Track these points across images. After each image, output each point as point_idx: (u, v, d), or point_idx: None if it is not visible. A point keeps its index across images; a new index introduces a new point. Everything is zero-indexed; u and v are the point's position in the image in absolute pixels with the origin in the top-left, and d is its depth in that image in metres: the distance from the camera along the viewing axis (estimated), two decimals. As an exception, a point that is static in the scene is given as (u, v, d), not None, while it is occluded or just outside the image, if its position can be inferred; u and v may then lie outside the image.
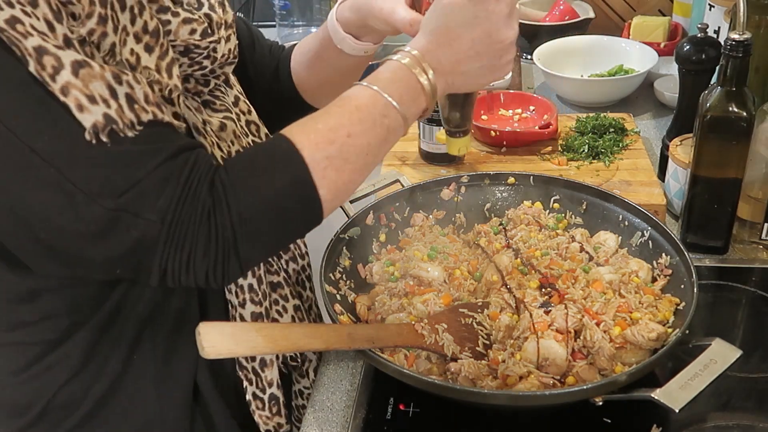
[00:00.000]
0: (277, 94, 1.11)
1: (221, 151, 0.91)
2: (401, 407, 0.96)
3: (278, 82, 1.11)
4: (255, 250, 0.78)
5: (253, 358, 0.99)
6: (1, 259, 0.85)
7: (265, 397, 1.00)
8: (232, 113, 0.95)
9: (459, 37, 0.83)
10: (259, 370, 1.00)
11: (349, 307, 1.04)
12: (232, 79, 1.00)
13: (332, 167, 0.77)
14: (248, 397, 1.00)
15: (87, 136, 0.69)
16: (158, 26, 0.79)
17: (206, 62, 0.88)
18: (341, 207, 1.16)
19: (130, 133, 0.71)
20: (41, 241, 0.74)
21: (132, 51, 0.76)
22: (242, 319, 0.97)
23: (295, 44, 1.14)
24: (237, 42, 0.95)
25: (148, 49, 0.77)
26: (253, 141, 0.99)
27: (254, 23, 2.36)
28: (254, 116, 1.01)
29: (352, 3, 0.99)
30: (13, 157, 0.69)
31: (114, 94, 0.70)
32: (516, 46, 0.87)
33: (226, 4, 0.94)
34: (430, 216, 1.18)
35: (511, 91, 1.67)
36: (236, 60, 0.96)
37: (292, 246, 1.06)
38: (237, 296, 0.96)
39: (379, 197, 1.18)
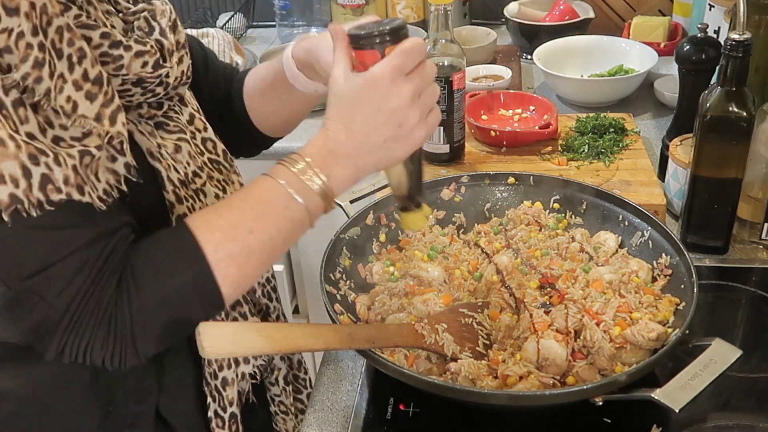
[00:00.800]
0: (229, 116, 1.11)
1: (178, 173, 0.91)
2: (401, 407, 0.96)
3: (230, 105, 1.11)
4: (152, 344, 0.80)
5: (216, 376, 0.99)
6: None
7: (226, 416, 1.00)
8: (186, 133, 0.95)
9: (352, 117, 0.80)
10: (221, 389, 0.99)
11: (349, 307, 1.04)
12: (188, 95, 1.00)
13: (234, 265, 0.78)
14: (210, 414, 0.99)
15: None
16: (100, 74, 0.78)
17: (159, 89, 0.87)
18: (341, 207, 1.16)
19: (35, 213, 0.71)
20: None
21: (69, 98, 0.74)
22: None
23: (249, 69, 1.14)
24: (190, 61, 0.94)
25: (90, 97, 0.76)
26: (209, 159, 0.98)
27: (254, 23, 2.37)
28: (210, 133, 1.00)
29: (306, 43, 0.98)
30: None
31: (27, 174, 0.70)
32: (422, 102, 0.81)
33: (178, 23, 0.93)
34: (430, 216, 1.18)
35: (511, 91, 1.67)
36: (189, 80, 0.95)
37: None
38: None
39: (379, 197, 1.18)
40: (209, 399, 0.99)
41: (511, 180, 1.21)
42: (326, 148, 0.80)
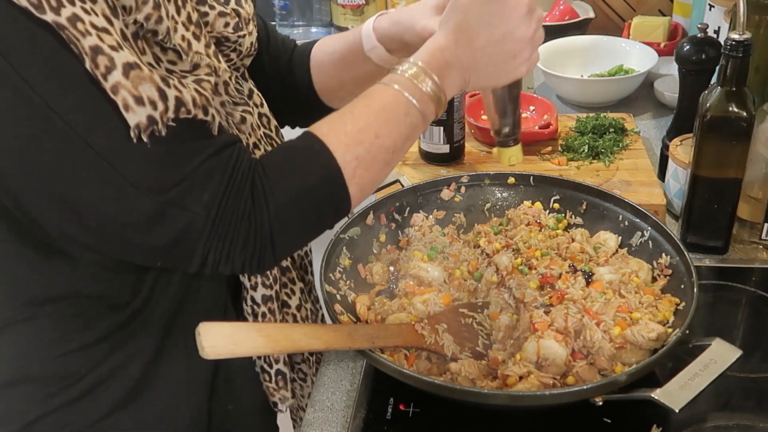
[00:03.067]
0: (291, 87, 1.14)
1: (241, 143, 0.93)
2: (401, 407, 0.96)
3: (292, 76, 1.13)
4: (289, 243, 0.84)
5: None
6: (41, 249, 0.87)
7: (272, 372, 1.05)
8: (249, 106, 0.98)
9: (476, 35, 0.85)
10: None
11: (349, 307, 1.04)
12: (246, 73, 1.02)
13: (361, 167, 0.82)
14: (257, 369, 1.05)
15: (131, 135, 0.72)
16: (199, 19, 0.83)
17: (233, 55, 0.92)
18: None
19: (166, 131, 0.74)
20: (90, 230, 0.77)
21: (183, 37, 0.79)
22: (254, 301, 1.00)
23: (313, 41, 1.16)
24: (257, 35, 0.98)
25: (196, 38, 0.81)
26: (264, 133, 1.01)
27: (254, 23, 2.37)
28: (266, 109, 1.04)
29: (393, 16, 1.03)
30: (70, 150, 0.72)
31: (163, 96, 0.73)
32: (534, 41, 0.88)
33: None
34: (430, 216, 1.18)
35: (511, 91, 1.67)
36: (255, 52, 0.98)
37: None
38: (249, 279, 0.99)
39: (379, 197, 1.18)
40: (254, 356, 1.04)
41: (511, 180, 1.21)
42: (443, 57, 0.85)
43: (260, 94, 1.03)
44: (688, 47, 1.32)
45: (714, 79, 1.20)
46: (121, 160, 0.73)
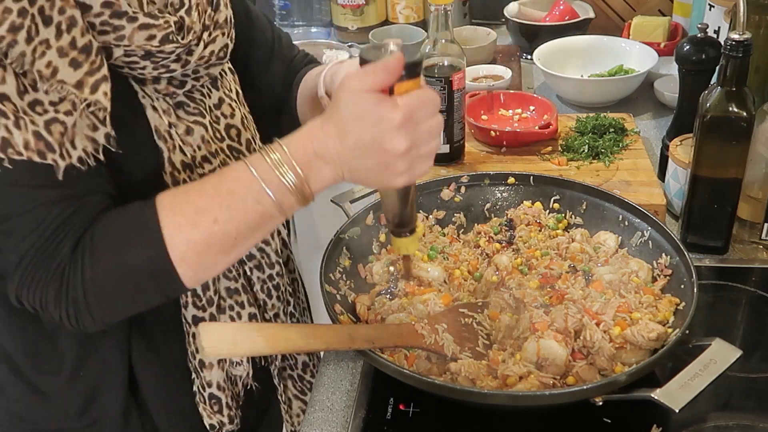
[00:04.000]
0: (286, 111, 1.12)
1: (184, 155, 0.91)
2: (401, 407, 0.95)
3: (288, 101, 1.12)
4: (107, 312, 0.82)
5: (194, 357, 1.01)
6: None
7: (206, 395, 1.03)
8: (206, 117, 0.94)
9: (347, 131, 0.77)
10: (199, 369, 1.01)
11: (349, 307, 1.04)
12: (229, 78, 1.00)
13: (192, 250, 0.79)
14: (194, 388, 1.03)
15: None
16: (90, 43, 0.78)
17: (174, 65, 0.87)
18: (341, 207, 1.16)
19: (2, 170, 0.74)
20: None
21: (49, 63, 0.75)
22: (186, 321, 0.98)
23: (314, 66, 1.14)
24: (227, 43, 0.94)
25: (74, 64, 0.77)
26: (229, 146, 0.98)
27: (254, 23, 2.37)
28: (236, 120, 0.99)
29: (335, 68, 0.99)
30: None
31: None
32: (412, 156, 0.77)
33: (221, 3, 0.93)
34: (430, 216, 1.18)
35: (511, 91, 1.67)
36: (223, 61, 0.94)
37: (257, 253, 1.04)
38: (181, 297, 0.97)
39: (379, 197, 1.17)
40: (193, 374, 1.02)
41: (511, 180, 1.21)
42: (311, 147, 0.78)
43: (233, 105, 0.99)
44: (688, 47, 1.32)
45: (714, 79, 1.20)
46: None
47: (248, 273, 1.04)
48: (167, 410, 1.02)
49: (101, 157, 0.81)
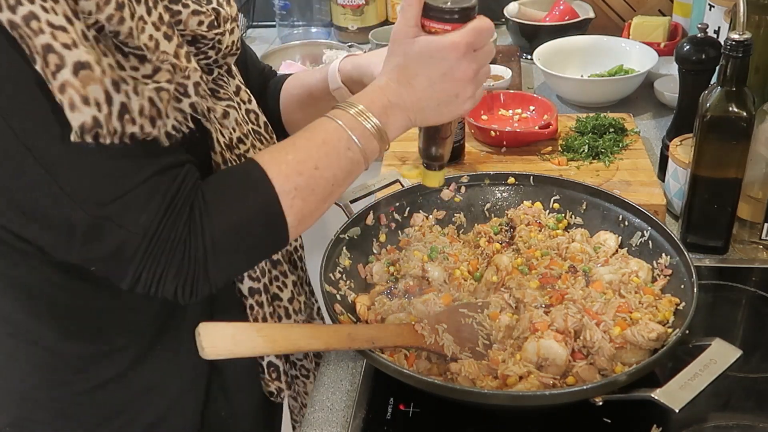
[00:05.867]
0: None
1: (224, 137, 0.94)
2: (401, 407, 0.96)
3: (264, 104, 1.15)
4: (223, 272, 0.83)
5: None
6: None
7: (264, 363, 1.06)
8: (234, 102, 0.99)
9: (416, 75, 0.86)
10: None
11: (349, 307, 1.04)
12: (234, 69, 1.03)
13: (299, 197, 0.83)
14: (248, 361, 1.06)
15: (73, 137, 0.71)
16: (171, 19, 0.83)
17: (211, 53, 0.92)
18: (341, 207, 1.16)
19: (113, 141, 0.73)
20: (38, 234, 0.78)
21: (151, 37, 0.78)
22: (241, 293, 1.00)
23: (287, 74, 1.19)
24: (240, 34, 1.00)
25: (167, 38, 0.81)
26: (252, 129, 1.02)
27: (254, 23, 2.37)
28: (254, 105, 1.05)
29: (355, 59, 1.07)
30: (10, 154, 0.72)
31: (109, 99, 0.73)
32: (477, 80, 0.88)
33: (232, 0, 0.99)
34: (430, 216, 1.18)
35: (511, 91, 1.67)
36: (239, 51, 0.99)
37: None
38: None
39: (379, 197, 1.18)
40: None
41: (511, 180, 1.21)
42: (386, 98, 0.86)
43: (248, 91, 1.04)
44: (688, 47, 1.32)
45: (714, 79, 1.20)
46: (60, 169, 0.73)
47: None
48: (236, 374, 1.05)
49: (191, 124, 0.83)
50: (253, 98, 1.05)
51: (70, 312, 0.92)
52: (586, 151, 1.43)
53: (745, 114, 1.09)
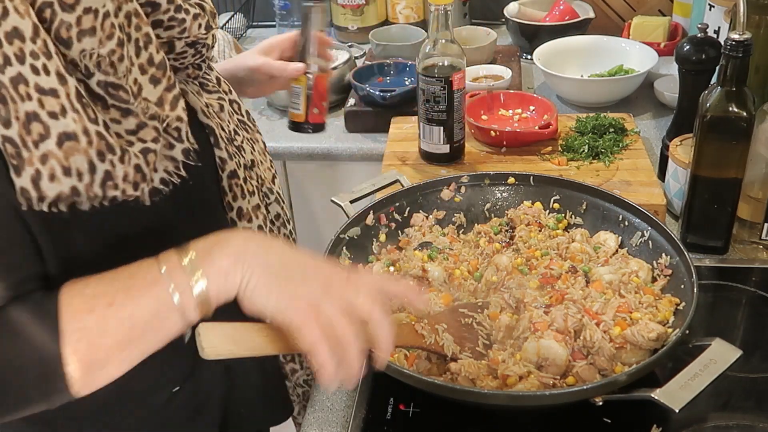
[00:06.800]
0: None
1: (224, 131, 0.94)
2: (401, 407, 0.96)
3: None
4: None
5: None
6: None
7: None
8: (221, 93, 0.99)
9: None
10: None
11: (349, 307, 1.04)
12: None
13: (85, 339, 0.69)
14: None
15: (44, 207, 0.69)
16: (164, 60, 0.80)
17: (204, 50, 0.92)
18: (341, 207, 1.16)
19: (92, 206, 0.72)
20: None
21: (135, 80, 0.76)
22: None
23: None
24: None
25: (154, 81, 0.78)
26: (239, 119, 1.03)
27: (254, 23, 2.37)
28: (235, 95, 1.05)
29: (234, 58, 1.15)
30: None
31: (92, 169, 0.71)
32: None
33: None
34: (430, 216, 1.18)
35: (511, 91, 1.67)
36: (214, 45, 0.99)
37: (281, 211, 1.11)
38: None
39: (379, 197, 1.18)
40: None
41: (511, 180, 1.21)
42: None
43: (227, 81, 1.04)
44: (688, 47, 1.32)
45: (714, 79, 1.20)
46: None
47: (278, 232, 1.10)
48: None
49: (183, 173, 0.80)
50: (233, 89, 1.05)
51: None
52: (586, 151, 1.43)
53: (745, 114, 1.09)
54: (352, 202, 1.18)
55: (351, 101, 1.75)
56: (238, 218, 0.98)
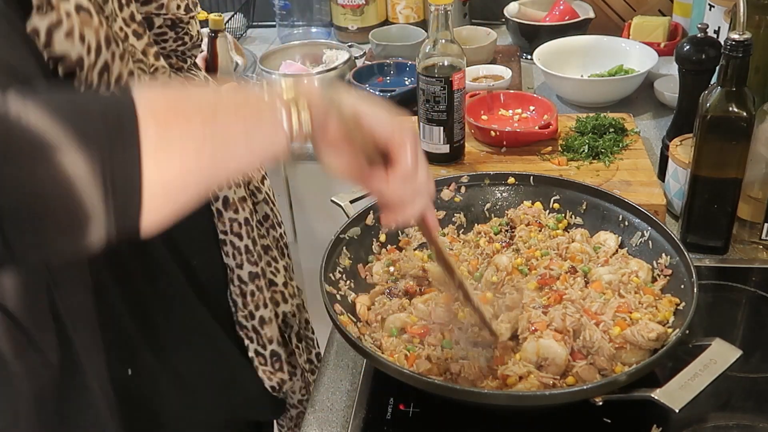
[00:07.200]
0: None
1: None
2: (401, 407, 0.95)
3: None
4: None
5: (252, 317, 1.06)
6: None
7: (266, 353, 1.08)
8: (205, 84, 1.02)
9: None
10: (259, 328, 1.06)
11: (349, 307, 1.04)
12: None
13: (162, 98, 0.60)
14: (250, 354, 1.07)
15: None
16: (143, 20, 0.85)
17: (186, 38, 0.94)
18: (341, 207, 1.16)
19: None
20: None
21: (121, 28, 0.81)
22: (240, 280, 1.03)
23: None
24: (198, 27, 1.02)
25: (137, 35, 0.82)
26: None
27: (254, 23, 2.37)
28: (212, 83, 1.09)
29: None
30: None
31: (98, 50, 0.74)
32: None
33: None
34: (430, 216, 1.18)
35: (511, 91, 1.67)
36: (201, 42, 1.01)
37: (270, 213, 1.13)
38: (234, 258, 1.03)
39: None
40: (246, 341, 1.06)
41: (511, 180, 1.21)
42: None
43: (214, 81, 1.08)
44: (688, 47, 1.32)
45: (714, 79, 1.20)
46: None
47: (267, 234, 1.12)
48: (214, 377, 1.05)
49: None
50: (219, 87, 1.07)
51: None
52: (586, 151, 1.43)
53: (745, 114, 1.09)
54: (352, 202, 1.18)
55: (351, 101, 1.75)
56: (224, 208, 1.01)
